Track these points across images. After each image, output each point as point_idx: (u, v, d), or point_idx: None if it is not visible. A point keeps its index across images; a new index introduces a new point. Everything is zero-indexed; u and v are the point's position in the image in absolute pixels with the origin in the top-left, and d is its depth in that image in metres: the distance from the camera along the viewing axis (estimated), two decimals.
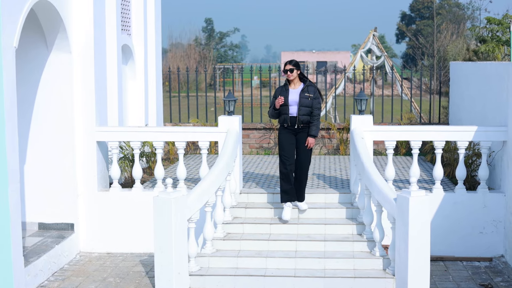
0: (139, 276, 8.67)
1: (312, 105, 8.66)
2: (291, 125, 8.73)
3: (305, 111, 8.66)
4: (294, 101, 8.70)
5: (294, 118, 8.70)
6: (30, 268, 8.05)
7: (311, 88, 8.75)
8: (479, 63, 11.43)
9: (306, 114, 8.67)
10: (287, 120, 8.72)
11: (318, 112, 8.73)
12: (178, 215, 7.51)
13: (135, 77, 12.19)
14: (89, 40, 9.46)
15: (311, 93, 8.70)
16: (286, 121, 8.73)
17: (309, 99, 8.66)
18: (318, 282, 7.85)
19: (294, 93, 8.73)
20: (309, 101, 8.65)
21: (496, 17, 14.13)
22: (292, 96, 8.73)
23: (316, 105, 8.69)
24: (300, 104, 8.63)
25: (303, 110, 8.65)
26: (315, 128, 8.71)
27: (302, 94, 8.68)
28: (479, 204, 9.37)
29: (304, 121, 8.69)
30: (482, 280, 8.47)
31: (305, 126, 8.72)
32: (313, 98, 8.68)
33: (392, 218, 7.63)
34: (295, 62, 8.77)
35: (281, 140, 8.83)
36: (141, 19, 12.19)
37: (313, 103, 8.66)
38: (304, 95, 8.67)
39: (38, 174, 9.46)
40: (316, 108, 8.70)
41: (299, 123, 8.68)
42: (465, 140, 9.38)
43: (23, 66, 9.26)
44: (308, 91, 8.71)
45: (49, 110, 9.39)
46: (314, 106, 8.67)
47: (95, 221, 9.74)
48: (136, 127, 10.06)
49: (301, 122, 8.69)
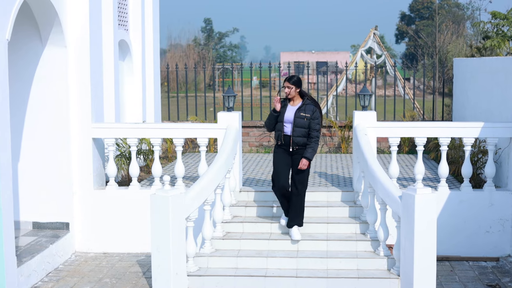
0: (136, 276, 8.44)
1: (309, 126, 7.93)
2: (284, 144, 8.05)
3: (300, 132, 7.93)
4: (288, 119, 8.00)
5: (288, 137, 8.00)
6: (23, 268, 7.83)
7: (309, 106, 7.97)
8: (484, 59, 11.20)
9: (301, 135, 7.94)
10: (280, 137, 8.06)
11: (317, 134, 7.96)
12: (176, 214, 7.29)
13: (132, 73, 11.97)
14: (84, 34, 9.24)
15: (307, 113, 7.92)
16: (280, 139, 8.07)
17: (305, 120, 7.90)
18: (320, 283, 7.64)
19: (291, 111, 8.03)
20: (305, 121, 7.90)
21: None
22: (288, 113, 8.03)
23: (314, 126, 7.93)
24: (294, 125, 7.93)
25: (298, 131, 7.93)
26: (311, 150, 7.94)
27: (297, 113, 7.93)
28: (486, 202, 9.15)
29: (299, 143, 7.96)
30: (489, 280, 8.24)
31: (300, 148, 7.99)
32: (310, 119, 7.91)
33: (397, 216, 7.42)
34: (295, 80, 8.01)
35: (274, 159, 8.19)
36: (138, 15, 11.99)
37: (310, 123, 7.92)
38: (299, 114, 7.92)
39: (32, 172, 9.25)
40: (314, 130, 7.94)
41: (294, 145, 7.97)
42: (471, 137, 9.16)
43: (17, 61, 9.05)
44: (305, 110, 7.94)
45: (43, 106, 9.18)
46: (311, 127, 7.93)
47: (91, 220, 9.52)
48: (133, 124, 9.84)
49: (296, 144, 7.97)
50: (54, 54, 9.11)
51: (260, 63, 14.87)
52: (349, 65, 17.59)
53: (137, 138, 9.55)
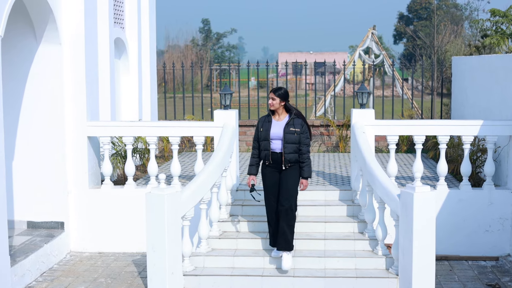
0: (131, 276, 8.34)
1: (299, 141, 7.49)
2: (273, 162, 7.54)
3: (292, 148, 7.48)
4: (277, 135, 7.51)
5: (276, 155, 7.52)
6: (16, 268, 7.73)
7: (297, 120, 7.54)
8: (483, 56, 11.12)
9: (293, 151, 7.49)
10: (268, 156, 7.54)
11: (307, 149, 7.55)
12: (172, 212, 7.19)
13: (128, 72, 11.87)
14: (79, 31, 9.14)
15: (297, 127, 7.49)
16: (268, 158, 7.54)
17: (296, 135, 7.46)
18: (318, 282, 7.54)
19: (278, 126, 7.55)
20: (296, 136, 7.46)
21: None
22: (275, 129, 7.54)
23: (304, 141, 7.50)
24: (285, 141, 7.45)
25: (290, 148, 7.47)
26: (307, 169, 7.54)
27: (287, 128, 7.48)
28: (485, 201, 9.06)
29: (291, 160, 7.49)
30: (489, 280, 8.14)
31: (292, 165, 7.54)
32: (300, 133, 7.49)
33: (396, 215, 7.32)
34: (281, 93, 7.53)
35: (263, 180, 7.68)
36: (134, 13, 11.88)
37: (300, 138, 7.48)
38: (289, 129, 7.47)
39: (27, 170, 9.15)
40: (305, 145, 7.51)
41: (286, 163, 7.49)
42: (470, 135, 9.07)
43: (11, 58, 8.94)
44: (294, 124, 7.50)
45: (38, 104, 9.08)
46: (302, 142, 7.49)
47: (86, 220, 9.42)
48: (128, 122, 9.75)
49: (288, 162, 7.48)
50: (48, 51, 9.01)
51: (258, 62, 14.77)
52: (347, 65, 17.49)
53: (132, 136, 9.45)
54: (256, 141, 7.72)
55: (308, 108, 18.62)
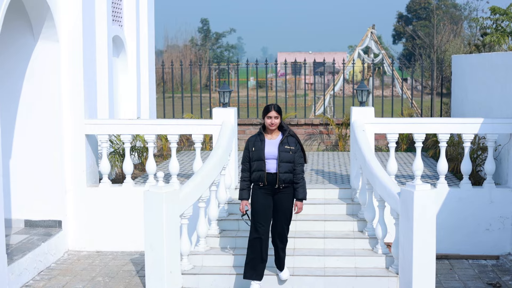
0: (129, 275, 8.28)
1: (294, 160, 7.14)
2: (268, 184, 7.14)
3: (287, 167, 7.11)
4: (271, 154, 7.13)
5: (272, 176, 7.12)
6: (14, 267, 7.67)
7: (291, 139, 7.19)
8: (484, 54, 11.06)
9: (288, 171, 7.12)
10: (263, 178, 7.12)
11: (302, 168, 7.20)
12: (170, 211, 7.14)
13: (127, 70, 11.81)
14: (77, 28, 9.08)
15: (291, 145, 7.14)
16: (262, 179, 7.13)
17: (291, 153, 7.12)
18: (318, 281, 7.49)
19: (272, 145, 7.17)
20: (291, 155, 7.11)
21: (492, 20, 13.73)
22: (269, 148, 7.16)
23: (298, 160, 7.16)
24: (280, 160, 7.08)
25: (285, 167, 7.10)
26: (302, 190, 7.18)
27: (281, 146, 7.12)
28: (486, 199, 9.01)
29: (286, 180, 7.12)
30: (489, 279, 8.09)
31: (287, 186, 7.17)
32: (294, 152, 7.15)
33: (396, 213, 7.27)
34: (280, 110, 7.21)
35: (254, 203, 7.20)
36: (133, 10, 11.83)
37: (295, 157, 7.14)
38: (284, 148, 7.12)
39: (24, 169, 9.09)
40: (299, 164, 7.17)
41: (280, 183, 7.10)
42: (471, 133, 9.02)
43: (9, 56, 8.89)
44: (288, 142, 7.15)
45: (35, 102, 9.01)
46: (296, 161, 7.14)
47: (84, 218, 9.36)
48: (126, 120, 9.68)
49: (282, 182, 7.10)
50: (46, 49, 8.95)
51: (257, 61, 14.71)
52: (346, 64, 17.44)
53: (131, 134, 9.39)
54: (247, 163, 7.29)
55: (307, 107, 18.56)
